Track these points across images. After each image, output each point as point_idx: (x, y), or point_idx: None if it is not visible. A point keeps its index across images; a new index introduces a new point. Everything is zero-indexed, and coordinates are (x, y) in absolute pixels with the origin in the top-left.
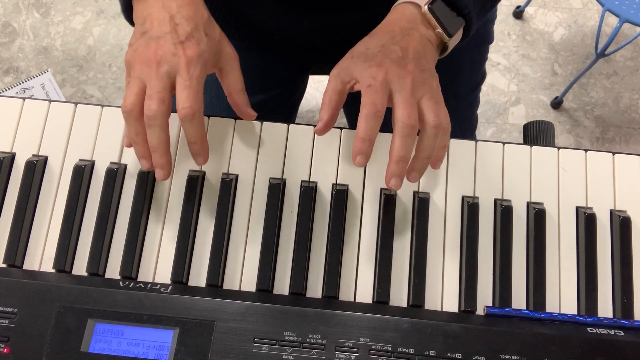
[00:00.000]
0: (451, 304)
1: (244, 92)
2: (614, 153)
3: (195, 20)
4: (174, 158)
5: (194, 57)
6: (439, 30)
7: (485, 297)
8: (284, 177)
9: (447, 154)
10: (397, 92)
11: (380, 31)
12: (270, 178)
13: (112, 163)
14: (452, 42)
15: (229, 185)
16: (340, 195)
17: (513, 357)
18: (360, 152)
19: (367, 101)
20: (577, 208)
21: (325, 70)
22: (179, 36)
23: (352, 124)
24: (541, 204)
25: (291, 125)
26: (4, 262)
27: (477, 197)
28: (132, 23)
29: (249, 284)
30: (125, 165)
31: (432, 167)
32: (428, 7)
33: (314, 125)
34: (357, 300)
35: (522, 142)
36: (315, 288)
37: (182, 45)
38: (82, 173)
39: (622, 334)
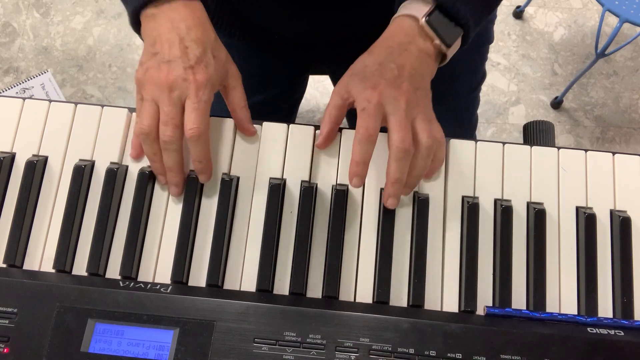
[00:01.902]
0: (451, 304)
1: (247, 108)
2: (614, 153)
3: (203, 43)
4: None
5: (203, 82)
6: (437, 41)
7: (485, 297)
8: (284, 177)
9: (447, 154)
10: (391, 115)
11: (378, 47)
12: (270, 178)
13: (112, 163)
14: (451, 52)
15: (229, 185)
16: (340, 195)
17: (513, 357)
18: (356, 174)
19: (361, 125)
20: (577, 208)
21: (325, 70)
22: (189, 60)
23: (352, 125)
24: (541, 204)
25: (291, 125)
26: (4, 262)
27: (477, 197)
28: (139, 34)
29: (249, 284)
30: (126, 166)
31: (425, 177)
32: (426, 19)
33: (314, 126)
34: (357, 300)
35: (522, 142)
36: (315, 288)
37: (192, 70)
38: (82, 173)
39: (622, 334)
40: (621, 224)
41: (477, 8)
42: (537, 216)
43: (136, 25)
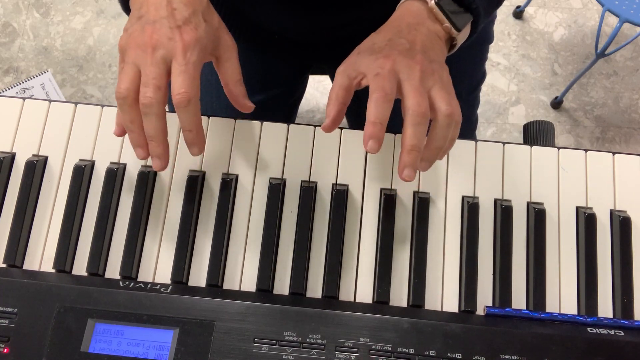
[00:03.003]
0: (451, 304)
1: (242, 82)
2: (614, 153)
3: (193, 6)
4: (174, 157)
5: (191, 41)
6: (447, 24)
7: (485, 297)
8: (284, 177)
9: (447, 154)
10: (405, 81)
11: (386, 27)
12: (270, 178)
13: (112, 163)
14: (460, 38)
15: (229, 185)
16: (340, 195)
17: (513, 357)
18: (372, 135)
19: (375, 87)
20: (577, 208)
21: (325, 70)
22: (176, 20)
23: (352, 124)
24: (541, 204)
25: (291, 125)
26: (4, 262)
27: (477, 197)
28: (127, 12)
29: (249, 284)
30: (125, 165)
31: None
32: (435, 1)
33: (314, 125)
34: (357, 300)
35: (522, 142)
36: (315, 288)
37: (179, 30)
38: (82, 173)
39: (622, 334)
40: (621, 224)
41: None
42: (537, 216)
43: (125, 2)
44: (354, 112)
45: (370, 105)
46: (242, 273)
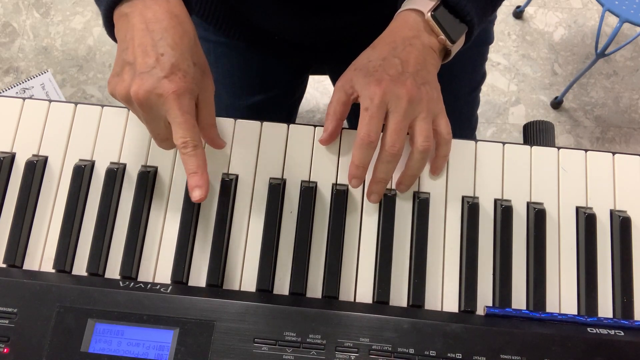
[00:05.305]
0: (451, 304)
1: (215, 125)
2: (614, 153)
3: (181, 48)
4: (174, 157)
5: (180, 92)
6: (442, 37)
7: (485, 297)
8: (284, 177)
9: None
10: (391, 114)
11: (382, 42)
12: (270, 178)
13: (112, 163)
14: (455, 48)
15: (229, 185)
16: (340, 195)
17: (513, 357)
18: (355, 176)
19: (362, 129)
20: (577, 208)
21: (325, 70)
22: (163, 69)
23: (352, 125)
24: (541, 204)
25: (291, 125)
26: (4, 262)
27: (477, 197)
28: (114, 38)
29: (249, 284)
30: (125, 165)
31: (431, 173)
32: (431, 14)
33: (314, 125)
34: (357, 300)
35: (522, 142)
36: (315, 288)
37: (167, 80)
38: (82, 173)
39: (622, 334)
40: (621, 224)
41: (481, 5)
42: (537, 216)
43: (110, 27)
44: (353, 112)
45: (355, 148)
46: (242, 273)
